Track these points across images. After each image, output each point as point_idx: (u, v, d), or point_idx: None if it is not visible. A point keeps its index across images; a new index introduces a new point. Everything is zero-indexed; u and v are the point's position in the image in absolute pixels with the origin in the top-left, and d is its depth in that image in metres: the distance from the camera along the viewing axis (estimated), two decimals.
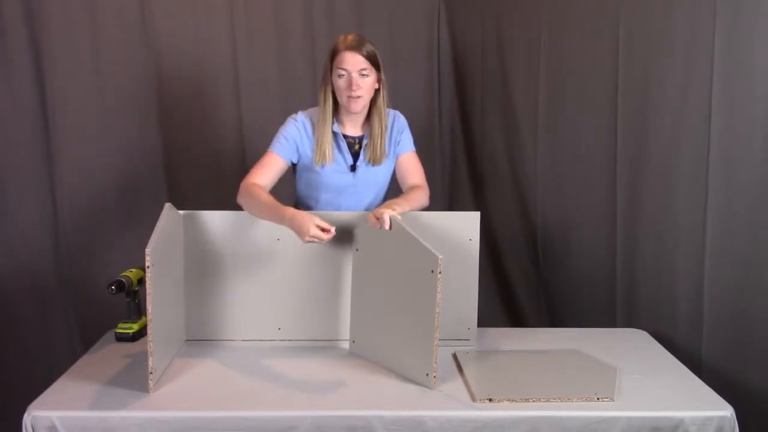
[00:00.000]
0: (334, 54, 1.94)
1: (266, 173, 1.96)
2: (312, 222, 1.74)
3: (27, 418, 1.53)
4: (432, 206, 2.05)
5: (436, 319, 1.64)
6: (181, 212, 1.92)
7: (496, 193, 2.95)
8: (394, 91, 2.96)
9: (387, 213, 1.78)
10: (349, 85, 1.91)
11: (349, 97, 1.93)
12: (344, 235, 1.90)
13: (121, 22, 2.66)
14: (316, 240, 1.75)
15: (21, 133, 2.62)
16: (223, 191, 2.69)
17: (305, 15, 2.84)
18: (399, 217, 1.79)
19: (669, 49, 2.02)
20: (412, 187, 2.03)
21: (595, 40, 2.31)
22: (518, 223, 2.81)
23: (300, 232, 1.75)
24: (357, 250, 1.91)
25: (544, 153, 2.61)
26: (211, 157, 2.82)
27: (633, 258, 2.25)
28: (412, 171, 2.08)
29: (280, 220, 1.81)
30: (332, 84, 1.96)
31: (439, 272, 1.62)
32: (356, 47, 1.91)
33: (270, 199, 1.87)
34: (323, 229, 1.75)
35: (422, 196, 2.00)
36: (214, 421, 1.54)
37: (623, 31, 2.18)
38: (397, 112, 2.12)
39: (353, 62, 1.91)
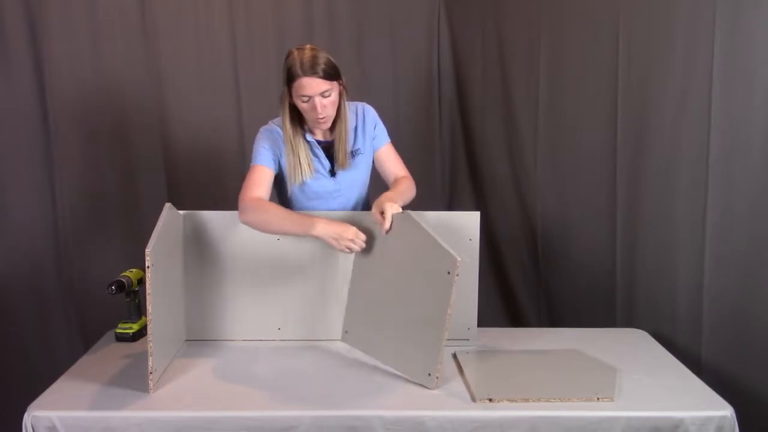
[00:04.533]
0: (291, 78, 1.83)
1: (261, 187, 1.91)
2: (353, 227, 1.80)
3: (27, 418, 1.53)
4: (432, 206, 2.05)
5: (448, 320, 1.64)
6: (181, 212, 1.92)
7: (496, 193, 2.95)
8: (395, 91, 2.98)
9: (389, 209, 1.77)
10: (314, 108, 1.85)
11: (317, 119, 1.88)
12: None
13: (121, 22, 2.67)
14: (352, 245, 1.80)
15: (21, 133, 2.62)
16: (223, 191, 2.70)
17: (305, 15, 2.84)
18: (412, 214, 1.78)
19: (669, 49, 2.02)
20: (399, 179, 2.01)
21: (595, 40, 2.31)
22: (518, 223, 2.81)
23: (338, 235, 1.79)
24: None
25: (544, 153, 2.61)
26: (211, 157, 2.82)
27: (633, 258, 2.25)
28: (394, 163, 2.06)
29: (310, 228, 1.81)
30: (292, 102, 1.89)
31: (456, 274, 1.62)
32: (312, 70, 1.80)
33: (289, 211, 1.86)
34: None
35: (412, 187, 1.99)
36: (214, 421, 1.54)
37: (623, 31, 2.18)
38: (366, 105, 2.05)
39: (313, 87, 1.81)
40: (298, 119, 1.94)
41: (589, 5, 2.34)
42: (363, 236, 1.82)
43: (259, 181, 1.91)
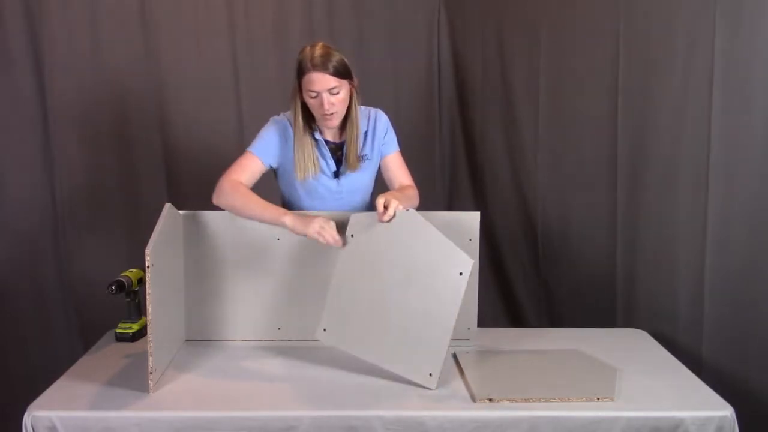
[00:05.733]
0: (301, 72, 1.84)
1: (245, 173, 1.92)
2: (320, 217, 1.78)
3: (27, 418, 1.53)
4: (432, 206, 2.04)
5: (454, 321, 1.63)
6: (181, 212, 1.92)
7: (496, 193, 2.95)
8: (395, 91, 2.98)
9: (394, 204, 1.74)
10: (322, 104, 1.84)
11: (323, 115, 1.88)
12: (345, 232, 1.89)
13: (121, 22, 2.67)
14: (322, 234, 1.76)
15: (21, 133, 2.62)
16: None
17: (305, 15, 2.84)
18: (419, 214, 1.78)
19: (669, 49, 2.02)
20: (403, 186, 2.01)
21: (595, 40, 2.31)
22: (518, 223, 2.82)
23: (305, 222, 1.77)
24: (352, 235, 1.83)
25: (544, 153, 2.61)
26: (211, 157, 2.82)
27: (633, 258, 2.25)
28: (401, 171, 2.05)
29: (281, 216, 1.81)
30: (303, 98, 1.89)
31: (470, 275, 1.61)
32: (322, 66, 1.81)
33: (262, 200, 1.86)
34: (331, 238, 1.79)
35: (415, 196, 1.98)
36: (214, 421, 1.54)
37: (623, 31, 2.18)
38: (379, 111, 2.05)
39: (322, 83, 1.82)
40: (308, 116, 1.94)
41: (589, 5, 2.34)
42: (332, 223, 1.79)
43: (246, 169, 1.92)
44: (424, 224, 1.75)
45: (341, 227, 1.87)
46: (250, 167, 1.93)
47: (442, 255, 1.69)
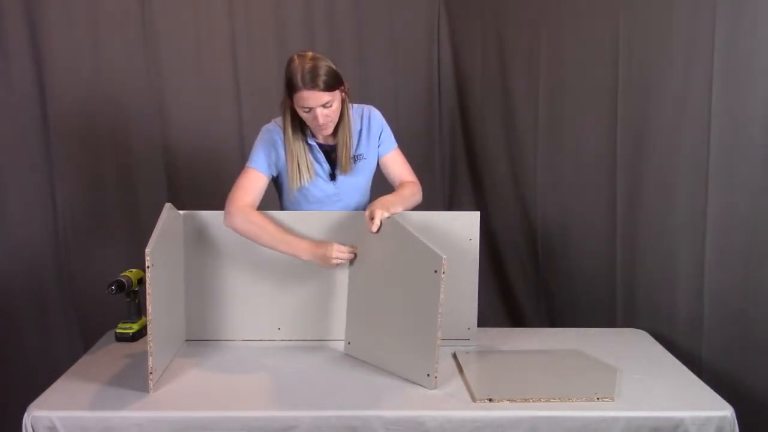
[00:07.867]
0: (291, 88, 1.81)
1: (251, 192, 1.90)
2: (332, 245, 1.83)
3: (27, 418, 1.53)
4: (432, 206, 2.05)
5: (439, 319, 1.64)
6: (181, 212, 1.92)
7: (496, 193, 2.96)
8: (395, 92, 2.98)
9: (378, 214, 1.77)
10: (315, 117, 1.83)
11: (318, 126, 1.87)
12: (345, 235, 1.90)
13: (121, 22, 2.66)
14: (341, 261, 1.83)
15: (21, 133, 2.62)
16: (223, 191, 2.69)
17: (305, 15, 2.84)
18: (387, 216, 1.79)
19: (669, 49, 2.02)
20: (403, 183, 2.01)
21: (595, 41, 2.31)
22: (518, 223, 2.82)
23: (323, 258, 1.82)
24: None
25: (544, 153, 2.61)
26: (211, 157, 2.83)
27: (633, 258, 2.25)
28: (400, 167, 2.05)
29: (297, 253, 1.85)
30: (294, 107, 1.87)
31: (443, 272, 1.61)
32: (313, 83, 1.78)
33: (278, 230, 1.86)
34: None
35: (416, 193, 1.98)
36: (214, 421, 1.54)
37: (623, 32, 2.18)
38: (372, 108, 2.04)
39: (314, 99, 1.80)
40: (299, 123, 1.93)
41: (589, 5, 2.34)
42: (344, 248, 1.85)
43: (250, 187, 1.91)
44: (401, 228, 1.75)
45: (342, 228, 1.90)
46: (253, 185, 1.91)
47: (418, 255, 1.69)
